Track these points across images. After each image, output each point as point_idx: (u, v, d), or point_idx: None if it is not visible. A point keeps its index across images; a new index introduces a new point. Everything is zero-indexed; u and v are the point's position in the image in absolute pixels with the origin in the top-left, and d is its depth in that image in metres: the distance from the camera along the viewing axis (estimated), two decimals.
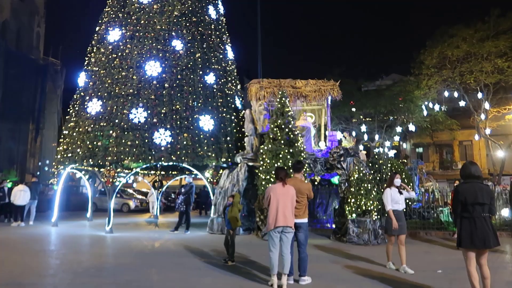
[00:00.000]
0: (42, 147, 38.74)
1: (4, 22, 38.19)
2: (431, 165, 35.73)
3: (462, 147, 35.62)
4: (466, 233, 4.82)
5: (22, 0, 40.13)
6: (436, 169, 35.66)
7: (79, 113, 14.63)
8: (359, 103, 29.50)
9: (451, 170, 34.35)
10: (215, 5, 17.11)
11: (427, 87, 26.83)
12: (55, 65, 40.50)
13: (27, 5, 40.30)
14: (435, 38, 26.31)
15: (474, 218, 4.79)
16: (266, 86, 14.26)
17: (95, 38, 16.08)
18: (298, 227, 6.28)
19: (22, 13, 39.68)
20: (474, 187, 4.85)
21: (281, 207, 5.89)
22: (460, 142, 35.03)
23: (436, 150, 36.71)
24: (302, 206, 6.38)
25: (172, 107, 13.63)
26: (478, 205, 4.77)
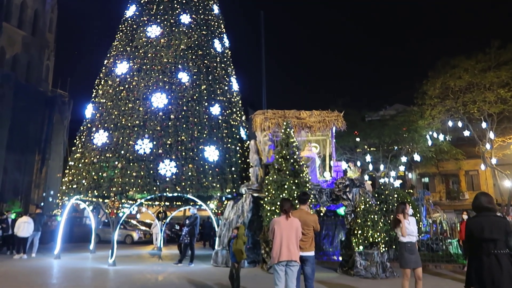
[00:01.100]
0: (47, 177, 38.82)
1: (15, 56, 39.24)
2: (438, 196, 35.31)
3: (468, 177, 35.29)
4: (473, 273, 4.32)
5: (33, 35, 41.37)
6: (442, 199, 35.21)
7: (85, 144, 14.76)
8: (363, 133, 29.58)
9: (458, 201, 33.90)
10: (220, 38, 17.54)
11: (431, 117, 26.91)
12: (63, 97, 41.21)
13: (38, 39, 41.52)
14: (437, 69, 26.65)
15: (482, 255, 4.23)
16: (271, 117, 14.37)
17: (103, 71, 16.45)
18: (304, 260, 6.16)
19: (33, 47, 40.83)
20: (482, 221, 4.35)
21: (286, 240, 5.80)
22: (466, 172, 34.75)
23: (442, 180, 36.37)
24: (308, 238, 6.28)
25: (178, 138, 13.73)
26: (487, 241, 4.22)
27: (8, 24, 37.79)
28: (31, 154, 37.86)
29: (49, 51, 42.27)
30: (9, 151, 34.51)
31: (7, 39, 37.72)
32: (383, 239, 11.01)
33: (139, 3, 17.08)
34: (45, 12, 42.43)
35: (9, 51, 38.45)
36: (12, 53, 38.90)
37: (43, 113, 38.77)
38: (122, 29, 16.97)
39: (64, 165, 33.09)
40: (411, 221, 7.12)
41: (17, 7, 39.96)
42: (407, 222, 7.09)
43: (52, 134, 39.63)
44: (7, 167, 34.92)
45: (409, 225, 7.06)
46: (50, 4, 42.75)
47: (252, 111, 17.67)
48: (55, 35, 43.58)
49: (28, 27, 40.95)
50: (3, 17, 35.92)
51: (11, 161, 35.50)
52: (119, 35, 16.93)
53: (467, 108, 25.12)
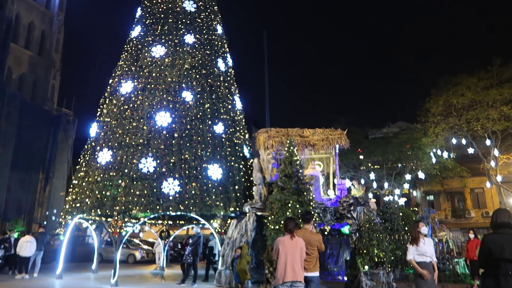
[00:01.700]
0: (51, 196, 38.82)
1: (21, 75, 39.83)
2: (443, 213, 34.92)
3: (474, 194, 34.95)
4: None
5: (40, 55, 42.06)
6: (448, 217, 34.80)
7: (89, 163, 14.80)
8: (367, 151, 29.54)
9: (464, 219, 33.51)
10: (224, 58, 17.76)
11: (435, 134, 26.91)
12: (68, 116, 41.59)
13: (44, 59, 42.19)
14: (440, 86, 26.80)
15: (499, 276, 3.94)
16: (274, 135, 14.41)
17: (108, 90, 16.63)
18: (309, 281, 6.07)
19: (39, 66, 41.46)
20: (502, 239, 4.04)
21: (290, 261, 5.74)
22: (472, 189, 34.44)
23: (447, 197, 36.04)
24: (312, 258, 6.21)
25: (181, 156, 13.75)
26: (506, 261, 3.93)
27: (15, 45, 38.48)
28: (35, 173, 37.96)
29: (55, 70, 42.89)
30: (13, 170, 34.65)
31: (14, 59, 38.36)
32: (388, 258, 10.86)
33: (144, 24, 17.38)
34: (52, 33, 43.25)
35: (16, 71, 39.06)
36: (18, 73, 39.51)
37: (48, 131, 39.06)
38: (127, 49, 17.23)
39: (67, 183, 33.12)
40: (426, 241, 6.79)
41: (25, 28, 40.80)
42: (422, 242, 6.74)
43: (57, 153, 39.84)
44: (11, 186, 34.99)
45: (423, 244, 6.70)
46: (57, 25, 43.60)
47: (255, 129, 17.75)
48: (61, 55, 44.30)
49: (35, 47, 41.70)
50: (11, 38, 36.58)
51: (15, 180, 35.60)
52: (124, 55, 17.18)
53: (471, 126, 25.12)
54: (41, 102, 40.32)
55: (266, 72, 24.97)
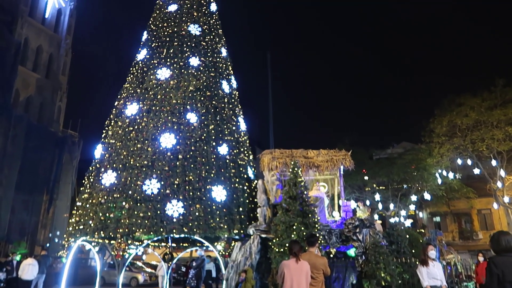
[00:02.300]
0: (54, 218, 38.69)
1: (28, 98, 40.38)
2: (450, 235, 34.37)
3: (481, 215, 34.46)
4: None
5: (47, 77, 42.73)
6: (455, 239, 34.24)
7: (93, 184, 14.80)
8: (371, 172, 29.41)
9: (471, 241, 32.95)
10: (228, 80, 17.94)
11: (439, 155, 26.79)
12: (73, 137, 41.89)
13: (51, 81, 42.83)
14: (443, 107, 26.84)
15: None
16: (278, 157, 14.39)
17: (114, 112, 16.78)
18: None
19: (46, 89, 42.06)
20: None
21: (296, 285, 5.65)
22: (479, 210, 33.98)
23: (454, 219, 35.54)
24: (318, 282, 6.10)
25: (185, 178, 13.73)
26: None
27: (23, 68, 39.17)
28: (39, 194, 37.96)
29: (62, 92, 43.47)
30: (17, 191, 34.67)
31: (22, 82, 38.98)
32: (396, 282, 10.64)
33: (149, 47, 17.68)
34: (60, 56, 44.05)
35: (23, 93, 39.63)
36: (26, 95, 40.07)
37: (53, 153, 39.27)
38: (133, 71, 17.49)
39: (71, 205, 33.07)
40: (435, 265, 6.77)
41: (33, 52, 41.61)
42: (431, 265, 6.71)
43: (61, 174, 39.92)
44: (14, 207, 34.95)
45: (433, 267, 6.68)
46: (65, 48, 44.45)
47: (259, 151, 17.75)
48: (68, 77, 44.98)
49: (43, 70, 42.41)
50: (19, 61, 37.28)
51: (19, 201, 35.58)
52: (130, 77, 17.41)
53: (476, 146, 25.02)
54: (47, 124, 40.71)
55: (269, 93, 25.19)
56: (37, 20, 42.03)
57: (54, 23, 44.34)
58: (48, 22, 43.63)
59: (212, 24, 18.70)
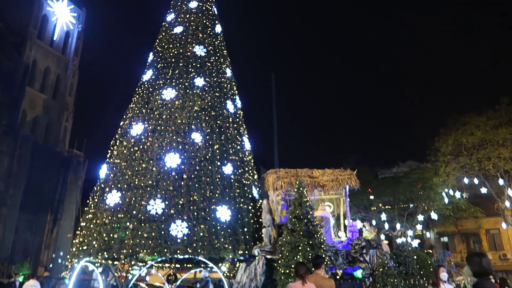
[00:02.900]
0: (58, 238, 38.50)
1: (35, 118, 40.81)
2: (459, 256, 33.71)
3: (489, 236, 33.88)
4: None
5: (54, 98, 43.27)
6: (464, 260, 33.55)
7: (98, 204, 14.76)
8: (377, 191, 29.17)
9: None
10: (233, 100, 18.06)
11: (445, 174, 26.56)
12: (78, 157, 42.07)
13: (58, 102, 43.35)
14: (448, 125, 26.78)
15: None
16: (283, 176, 14.33)
17: (119, 132, 16.88)
18: None
19: (52, 109, 42.53)
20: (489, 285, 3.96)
21: None
22: (487, 230, 33.43)
23: (462, 239, 34.95)
24: None
25: (190, 198, 13.68)
26: None
27: (31, 89, 39.74)
28: (44, 214, 37.90)
29: (68, 113, 43.91)
30: (22, 211, 34.65)
31: (29, 102, 39.49)
32: None
33: (155, 68, 17.91)
34: (67, 77, 44.70)
35: (30, 113, 40.09)
36: (33, 115, 40.51)
37: (58, 173, 39.40)
38: (139, 92, 17.66)
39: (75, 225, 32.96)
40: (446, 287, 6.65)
41: (41, 73, 42.28)
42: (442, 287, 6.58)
43: (66, 194, 39.93)
44: (18, 227, 34.86)
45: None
46: (72, 69, 45.15)
47: (264, 170, 17.70)
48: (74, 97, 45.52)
49: (50, 90, 42.99)
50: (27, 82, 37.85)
51: (23, 221, 35.51)
52: (136, 97, 17.58)
53: (482, 165, 24.80)
54: (53, 144, 40.99)
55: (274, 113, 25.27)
56: (46, 42, 42.87)
57: (62, 45, 45.20)
58: (56, 44, 44.48)
59: (217, 45, 18.97)
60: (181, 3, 19.83)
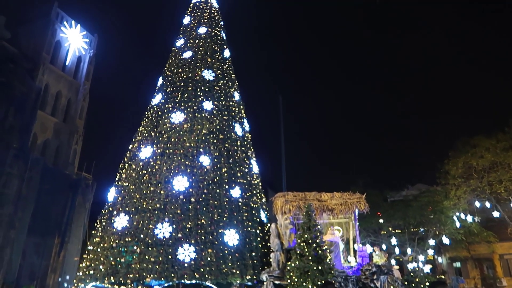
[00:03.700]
0: (65, 261, 38.23)
1: (46, 141, 41.31)
2: (472, 282, 32.75)
3: (503, 261, 32.93)
4: None
5: (65, 121, 43.91)
6: (478, 286, 32.59)
7: (105, 228, 14.74)
8: (386, 214, 28.73)
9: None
10: (241, 123, 18.18)
11: (456, 197, 26.14)
12: (87, 180, 42.21)
13: (68, 125, 43.94)
14: (458, 148, 26.53)
15: None
16: (292, 200, 14.24)
17: (128, 155, 17.00)
18: None
19: (63, 133, 43.07)
20: None
21: None
22: (501, 255, 32.53)
23: (475, 264, 34.01)
24: None
25: (198, 221, 13.62)
26: None
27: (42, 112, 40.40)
28: (51, 237, 37.79)
29: (78, 136, 44.39)
30: (29, 234, 34.60)
31: (40, 126, 40.07)
32: None
33: (165, 92, 18.18)
34: (77, 101, 45.44)
35: (40, 136, 40.62)
36: (43, 138, 41.03)
37: (66, 195, 39.49)
38: (148, 115, 17.88)
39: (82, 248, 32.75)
40: None
41: (53, 97, 43.05)
42: None
43: (73, 217, 39.91)
44: (26, 250, 34.75)
45: None
46: (83, 93, 45.92)
47: (272, 193, 17.62)
48: (84, 121, 46.13)
49: (61, 114, 43.65)
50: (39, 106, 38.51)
51: (31, 244, 35.42)
52: (145, 121, 17.79)
53: (494, 188, 24.41)
54: (63, 167, 41.29)
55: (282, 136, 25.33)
56: (58, 67, 43.84)
57: (73, 70, 46.16)
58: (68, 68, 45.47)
59: (225, 69, 19.26)
60: (191, 29, 20.29)
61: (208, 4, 21.41)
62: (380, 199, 29.33)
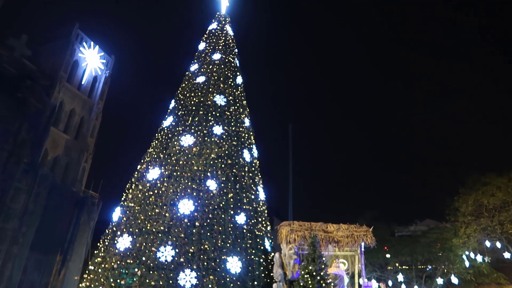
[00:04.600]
0: (65, 280, 37.80)
1: (56, 157, 41.72)
2: None
3: None
4: None
5: (76, 139, 44.47)
6: None
7: (108, 248, 14.63)
8: (393, 250, 28.14)
9: None
10: (249, 149, 18.21)
11: (466, 235, 25.58)
12: (93, 198, 42.26)
13: (79, 143, 44.45)
14: (468, 185, 26.16)
15: None
16: (297, 229, 14.06)
17: (135, 175, 17.06)
18: None
19: (73, 150, 43.52)
20: None
21: None
22: None
23: None
24: None
25: (201, 246, 13.46)
26: None
27: (55, 129, 41.02)
28: (53, 254, 37.52)
29: (88, 154, 44.79)
30: (32, 250, 34.42)
31: (52, 142, 40.57)
32: None
33: (176, 115, 18.39)
34: (90, 119, 46.14)
35: (51, 153, 41.08)
36: (54, 155, 41.46)
37: (71, 213, 39.44)
38: (158, 137, 18.04)
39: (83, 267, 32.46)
40: None
41: (66, 114, 43.80)
42: None
43: (77, 235, 39.74)
44: (27, 267, 34.46)
45: None
46: (96, 112, 46.68)
47: (278, 221, 17.42)
48: (95, 139, 46.67)
49: (73, 131, 44.27)
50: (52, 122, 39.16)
51: (32, 261, 35.15)
52: (155, 142, 17.93)
53: (505, 228, 23.88)
54: (71, 184, 41.51)
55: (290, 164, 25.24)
56: (74, 86, 44.79)
57: (89, 89, 47.11)
58: (84, 87, 46.43)
59: (237, 95, 19.48)
60: (205, 54, 20.70)
61: (223, 32, 21.91)
62: (387, 233, 28.81)
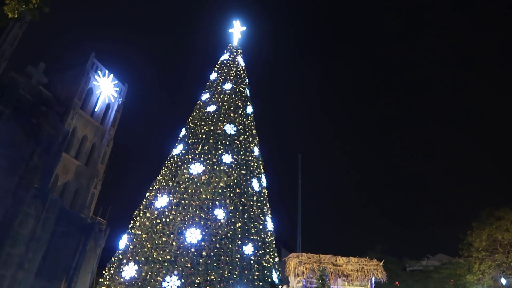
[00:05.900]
0: None
1: (66, 183, 42.04)
2: None
3: None
4: None
5: (87, 165, 44.88)
6: None
7: (113, 276, 14.46)
8: (405, 285, 27.34)
9: None
10: (258, 178, 18.16)
11: (480, 271, 24.77)
12: (101, 225, 42.16)
13: (89, 169, 44.85)
14: (481, 219, 25.56)
15: None
16: (305, 261, 13.79)
17: (144, 203, 17.05)
18: None
19: (83, 176, 43.87)
20: None
21: None
22: None
23: None
24: None
25: (207, 277, 13.23)
26: None
27: (67, 155, 41.55)
28: (58, 281, 37.07)
29: (97, 180, 45.10)
30: (37, 277, 34.13)
31: (62, 168, 41.01)
32: None
33: (186, 143, 18.54)
34: (101, 145, 46.74)
35: (62, 178, 41.43)
36: (64, 180, 41.80)
37: (78, 239, 39.26)
38: (168, 165, 18.13)
39: None
40: None
41: (78, 140, 44.48)
42: None
43: (83, 262, 39.39)
44: None
45: None
46: (107, 139, 47.34)
47: (286, 252, 17.12)
48: (105, 166, 47.05)
49: (84, 157, 44.77)
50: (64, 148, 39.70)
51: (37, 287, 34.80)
52: (164, 170, 18.00)
53: None
54: (79, 210, 41.58)
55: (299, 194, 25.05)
56: (87, 112, 45.70)
57: (101, 116, 48.01)
58: (97, 114, 47.32)
59: (247, 125, 19.64)
60: (217, 84, 21.07)
61: (235, 62, 22.36)
62: (398, 268, 28.06)
